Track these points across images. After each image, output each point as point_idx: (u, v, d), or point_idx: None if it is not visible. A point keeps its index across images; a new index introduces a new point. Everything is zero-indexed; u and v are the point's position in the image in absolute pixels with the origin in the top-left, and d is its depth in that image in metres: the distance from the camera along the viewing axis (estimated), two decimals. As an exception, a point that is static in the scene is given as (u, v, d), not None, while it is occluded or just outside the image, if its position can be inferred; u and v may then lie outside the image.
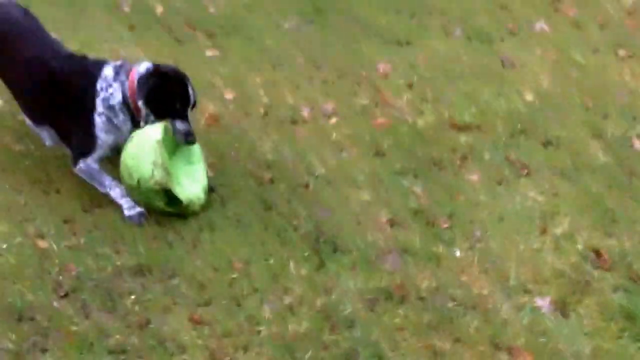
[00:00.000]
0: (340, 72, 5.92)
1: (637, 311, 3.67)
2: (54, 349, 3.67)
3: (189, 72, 4.87)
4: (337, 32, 6.52)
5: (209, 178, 4.62)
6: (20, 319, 3.85)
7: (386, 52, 6.18)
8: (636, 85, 5.59)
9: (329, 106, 5.49)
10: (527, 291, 3.88)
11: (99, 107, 4.40)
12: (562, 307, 3.77)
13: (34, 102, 4.68)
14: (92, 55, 4.88)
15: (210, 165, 4.88)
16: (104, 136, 4.45)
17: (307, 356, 3.57)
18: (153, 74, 4.36)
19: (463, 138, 5.12)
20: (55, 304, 3.96)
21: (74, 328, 3.80)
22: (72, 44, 5.27)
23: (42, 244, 4.31)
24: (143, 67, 4.43)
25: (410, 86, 5.70)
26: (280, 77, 5.87)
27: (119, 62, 4.61)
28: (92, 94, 4.44)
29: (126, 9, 7.01)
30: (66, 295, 4.01)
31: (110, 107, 4.42)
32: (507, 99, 5.50)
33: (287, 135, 5.21)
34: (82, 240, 4.34)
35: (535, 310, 3.76)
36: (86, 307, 3.95)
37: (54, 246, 4.29)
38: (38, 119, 4.70)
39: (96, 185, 4.51)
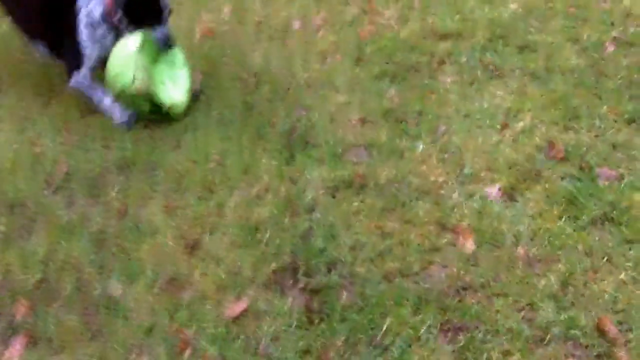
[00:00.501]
0: (335, -15, 6.16)
1: (579, 196, 3.90)
2: (39, 232, 4.01)
3: None
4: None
5: (197, 82, 4.93)
6: (12, 207, 4.21)
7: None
8: None
9: (319, 17, 5.76)
10: (479, 179, 4.12)
11: (83, 20, 4.71)
12: (510, 194, 4.01)
13: (26, 18, 5.02)
14: None
15: (201, 72, 5.18)
16: (90, 49, 4.77)
17: (266, 236, 3.86)
18: None
19: (443, 44, 5.36)
20: (45, 193, 4.30)
21: (59, 213, 4.14)
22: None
23: (38, 143, 4.66)
24: None
25: None
26: (278, -9, 6.13)
27: None
28: (75, 8, 4.72)
29: None
30: (56, 188, 4.35)
31: (93, 20, 4.74)
32: (491, 8, 5.73)
33: (277, 45, 5.51)
34: (75, 139, 4.68)
35: (484, 196, 4.01)
36: (73, 197, 4.29)
37: (50, 144, 4.63)
38: (31, 35, 5.05)
39: (90, 96, 4.84)
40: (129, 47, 4.52)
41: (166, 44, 4.73)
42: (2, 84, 5.19)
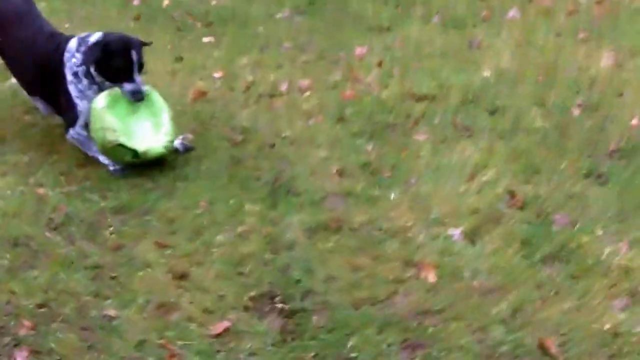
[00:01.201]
0: (321, 54, 6.99)
1: (533, 238, 4.60)
2: (40, 266, 4.67)
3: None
4: (325, 21, 7.62)
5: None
6: (16, 245, 4.87)
7: (366, 37, 7.25)
8: (587, 63, 6.55)
9: (305, 82, 6.56)
10: (444, 223, 4.82)
11: (68, 76, 5.51)
12: (471, 236, 4.70)
13: (26, 76, 5.80)
14: None
15: (191, 131, 5.95)
16: (80, 103, 5.56)
17: (248, 269, 4.59)
18: (97, 44, 5.41)
19: (418, 106, 6.14)
20: (46, 233, 4.99)
21: (59, 251, 4.85)
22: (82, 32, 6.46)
23: (41, 191, 5.34)
24: (94, 37, 5.49)
25: (380, 64, 6.74)
26: (266, 58, 6.97)
27: (83, 35, 5.58)
28: (62, 65, 5.52)
29: (135, 2, 8.20)
30: (56, 228, 5.04)
31: (75, 75, 5.52)
32: (465, 75, 6.51)
33: (264, 106, 6.28)
34: (74, 188, 5.41)
35: (448, 238, 4.70)
36: (71, 236, 4.97)
37: (50, 192, 5.35)
38: (31, 91, 5.84)
39: (85, 150, 5.61)
40: (97, 105, 5.38)
41: (135, 98, 5.44)
42: (8, 135, 5.92)
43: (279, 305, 4.21)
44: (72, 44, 5.54)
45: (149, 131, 5.46)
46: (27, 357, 3.99)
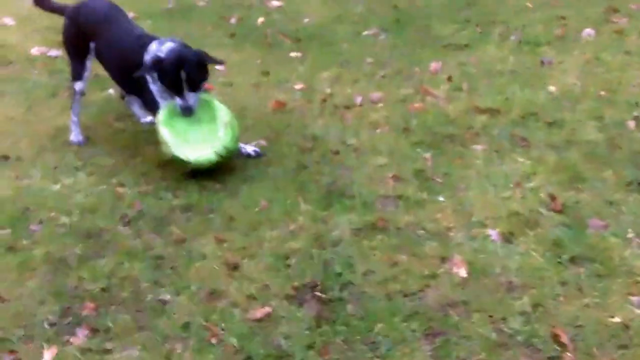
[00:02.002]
0: (397, 70, 7.34)
1: (565, 239, 4.83)
2: (108, 256, 5.13)
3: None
4: (407, 39, 7.98)
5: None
6: (89, 236, 5.37)
7: (443, 55, 7.57)
8: None
9: (378, 95, 6.93)
10: (484, 225, 5.10)
11: (149, 80, 5.97)
12: (508, 237, 4.97)
13: (121, 76, 6.33)
14: None
15: (265, 138, 6.37)
16: (161, 100, 6.04)
17: (294, 262, 4.96)
18: (155, 61, 5.86)
19: (480, 118, 6.44)
20: (118, 227, 5.46)
21: (127, 243, 5.30)
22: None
23: (120, 189, 5.83)
24: (164, 47, 5.93)
25: (450, 79, 7.07)
26: (346, 73, 7.36)
27: (162, 39, 6.03)
28: (145, 60, 5.95)
29: (232, 21, 8.71)
30: (128, 222, 5.51)
31: (152, 77, 6.00)
32: (531, 91, 6.76)
33: (336, 117, 6.66)
34: (150, 187, 5.89)
35: (485, 238, 5.00)
36: (140, 230, 5.42)
37: (128, 191, 5.84)
38: (127, 90, 6.38)
39: None
40: (157, 119, 5.90)
41: (184, 113, 5.88)
42: (98, 140, 6.47)
43: (318, 295, 4.51)
44: (152, 47, 5.97)
45: (205, 139, 5.90)
46: (87, 334, 4.39)
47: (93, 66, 6.53)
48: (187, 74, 5.78)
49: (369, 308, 4.39)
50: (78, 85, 6.53)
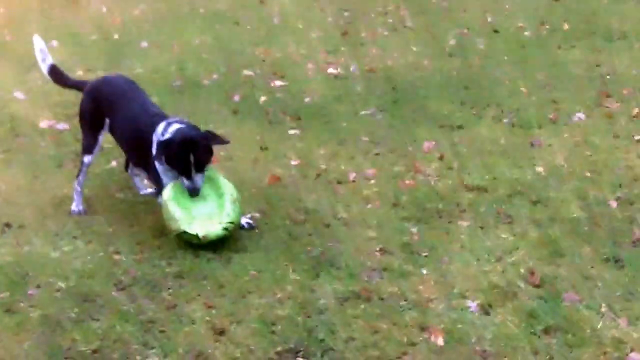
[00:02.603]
0: (391, 148, 7.66)
1: (540, 311, 5.07)
2: (102, 318, 5.40)
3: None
4: (403, 118, 8.31)
5: (254, 219, 6.50)
6: (85, 300, 5.64)
7: (436, 134, 7.88)
8: (635, 162, 7.10)
9: (371, 171, 7.25)
10: (464, 297, 5.39)
11: (154, 148, 6.33)
12: (486, 308, 5.25)
13: (132, 150, 6.65)
14: None
15: (259, 210, 6.67)
16: (164, 178, 6.36)
17: (279, 329, 5.23)
18: (162, 143, 6.10)
19: (468, 196, 6.74)
20: (113, 292, 5.75)
21: (120, 307, 5.58)
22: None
23: (116, 257, 6.14)
24: (170, 129, 6.18)
25: (441, 158, 7.39)
26: (342, 150, 7.67)
27: (170, 120, 6.30)
28: (151, 145, 6.28)
29: (236, 98, 9.10)
30: (123, 288, 5.79)
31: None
32: (519, 170, 7.06)
33: (330, 191, 6.97)
34: (146, 255, 6.19)
35: (464, 308, 5.28)
36: (134, 295, 5.68)
37: (124, 258, 6.14)
38: (135, 163, 6.70)
39: None
40: (163, 197, 6.18)
41: (190, 194, 6.16)
42: (99, 209, 6.77)
43: (300, 359, 4.74)
44: (160, 127, 6.24)
45: (212, 214, 6.17)
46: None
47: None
48: (194, 156, 6.04)
49: (348, 373, 4.53)
50: (87, 158, 6.84)
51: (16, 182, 7.15)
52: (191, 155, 6.03)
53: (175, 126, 6.17)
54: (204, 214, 6.22)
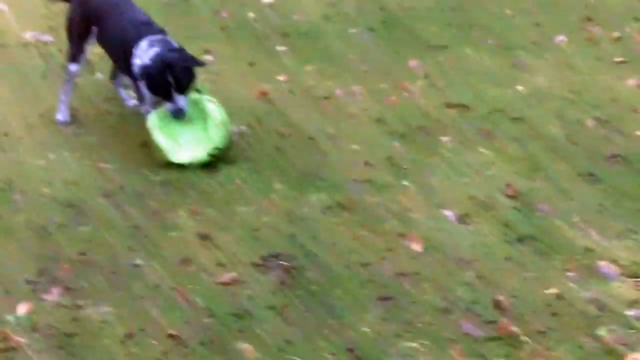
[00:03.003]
0: (378, 67, 7.81)
1: (515, 222, 5.29)
2: (87, 224, 5.60)
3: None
4: (391, 39, 8.44)
5: (241, 131, 6.66)
6: (70, 206, 5.79)
7: (422, 54, 8.02)
8: (613, 84, 7.25)
9: (357, 89, 7.43)
10: (442, 207, 5.63)
11: (134, 69, 6.37)
12: (463, 218, 5.46)
13: (116, 56, 6.73)
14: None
15: (246, 123, 6.87)
16: (147, 93, 6.44)
17: (263, 235, 5.45)
18: (143, 67, 6.20)
19: (451, 113, 6.93)
20: (98, 199, 5.91)
21: (106, 213, 5.77)
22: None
23: (103, 166, 6.29)
24: (150, 53, 6.23)
25: (426, 77, 7.58)
26: (329, 68, 7.78)
27: (155, 37, 6.36)
28: (132, 58, 6.34)
29: (224, 15, 9.22)
30: (108, 195, 5.93)
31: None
32: (500, 89, 7.25)
33: (317, 108, 7.13)
34: (133, 165, 6.35)
35: (442, 218, 5.51)
36: (120, 202, 5.80)
37: (110, 167, 6.30)
38: (121, 71, 6.79)
39: None
40: (149, 123, 6.26)
41: (175, 116, 6.22)
42: (86, 120, 6.90)
43: (283, 263, 4.98)
44: (142, 45, 6.32)
45: (198, 140, 6.30)
46: (61, 292, 4.81)
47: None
48: (175, 79, 6.11)
49: (329, 276, 4.82)
50: (73, 67, 6.91)
51: (1, 93, 7.24)
52: (170, 78, 6.08)
53: (154, 49, 6.23)
54: (190, 140, 6.32)
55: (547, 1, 8.96)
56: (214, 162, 6.16)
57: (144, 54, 6.22)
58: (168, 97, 6.18)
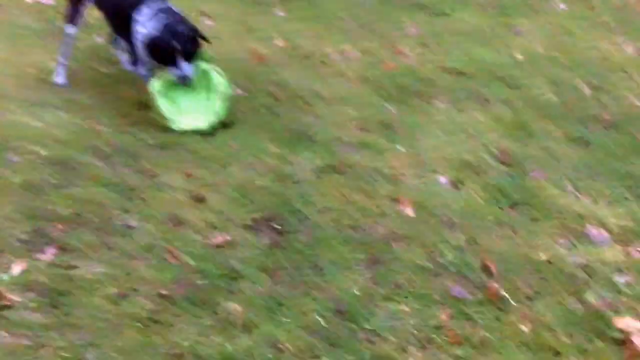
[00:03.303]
0: (376, 31, 7.86)
1: (507, 188, 5.29)
2: (82, 185, 5.54)
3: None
4: (390, 3, 8.50)
5: (235, 92, 6.57)
6: (64, 166, 5.73)
7: (421, 20, 8.07)
8: (610, 51, 7.26)
9: (354, 52, 7.45)
10: (435, 172, 5.67)
11: (137, 35, 6.39)
12: (455, 182, 5.48)
13: (113, 19, 6.73)
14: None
15: (241, 86, 6.90)
16: (145, 57, 6.46)
17: (257, 198, 5.48)
18: (148, 37, 6.19)
19: (447, 77, 6.96)
20: (94, 160, 5.94)
21: (101, 174, 5.75)
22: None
23: (97, 127, 6.32)
24: (150, 26, 6.25)
25: (423, 41, 7.60)
26: (327, 32, 7.82)
27: (158, 5, 6.34)
28: (134, 24, 6.34)
29: (225, -24, 9.18)
30: (104, 157, 5.95)
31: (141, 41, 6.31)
32: (498, 56, 7.28)
33: (312, 70, 7.15)
34: (128, 127, 6.38)
35: (435, 182, 5.54)
36: (115, 164, 5.81)
37: (105, 129, 6.33)
38: (117, 34, 6.80)
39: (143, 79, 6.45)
40: (152, 87, 6.29)
41: (181, 82, 6.24)
42: (83, 82, 6.94)
43: (275, 226, 5.01)
44: (144, 12, 6.33)
45: (200, 109, 6.35)
46: (55, 252, 4.85)
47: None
48: (181, 46, 6.15)
49: (320, 238, 4.85)
50: (71, 29, 6.92)
51: (-1, 55, 7.27)
52: (178, 45, 6.14)
53: (160, 18, 6.26)
54: (192, 108, 6.37)
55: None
56: (211, 127, 6.16)
57: (147, 22, 6.22)
58: (174, 64, 6.16)
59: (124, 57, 6.84)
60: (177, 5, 7.11)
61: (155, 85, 6.22)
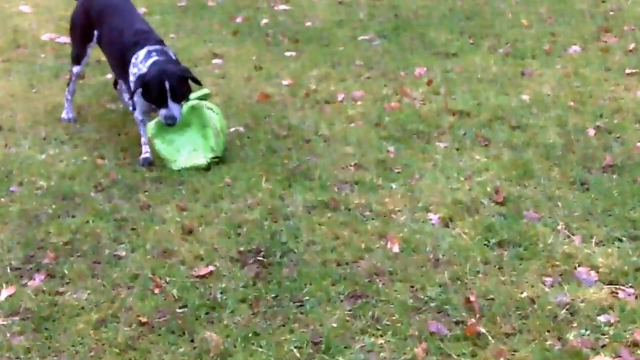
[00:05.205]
0: (383, 73, 8.01)
1: (498, 227, 5.36)
2: (77, 215, 5.77)
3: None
4: (400, 45, 8.65)
5: (239, 131, 6.90)
6: (63, 199, 6.03)
7: (430, 61, 8.20)
8: (620, 94, 7.38)
9: (359, 93, 7.61)
10: (427, 210, 5.78)
11: (130, 76, 6.56)
12: (446, 221, 5.61)
13: (114, 60, 6.95)
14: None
15: (244, 125, 7.08)
16: (139, 100, 6.63)
17: (245, 231, 5.64)
18: (140, 77, 6.36)
19: (450, 119, 7.09)
20: (92, 193, 6.15)
21: (97, 206, 5.99)
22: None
23: (99, 161, 6.54)
24: (145, 65, 6.45)
25: (429, 83, 7.75)
26: (334, 73, 8.00)
27: (154, 47, 6.56)
28: (129, 66, 6.56)
29: (238, 20, 9.48)
30: (102, 189, 6.19)
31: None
32: (505, 97, 7.39)
33: (316, 111, 7.31)
34: (128, 161, 6.57)
35: (425, 220, 5.65)
36: (112, 196, 6.06)
37: (107, 163, 6.56)
38: (117, 74, 7.04)
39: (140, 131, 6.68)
40: (148, 132, 6.57)
41: (167, 122, 6.42)
42: (89, 118, 7.22)
43: (260, 259, 5.15)
44: (142, 53, 6.54)
45: (196, 146, 6.57)
46: (43, 279, 5.03)
47: (95, 52, 7.35)
48: (170, 85, 6.31)
49: (303, 272, 4.96)
50: (76, 69, 7.29)
51: (12, 90, 7.61)
52: (167, 85, 6.29)
53: (152, 59, 6.45)
54: (189, 146, 6.59)
55: (566, 10, 9.13)
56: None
57: (139, 63, 6.44)
58: (163, 105, 6.37)
59: (125, 97, 6.96)
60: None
61: (150, 129, 6.46)
